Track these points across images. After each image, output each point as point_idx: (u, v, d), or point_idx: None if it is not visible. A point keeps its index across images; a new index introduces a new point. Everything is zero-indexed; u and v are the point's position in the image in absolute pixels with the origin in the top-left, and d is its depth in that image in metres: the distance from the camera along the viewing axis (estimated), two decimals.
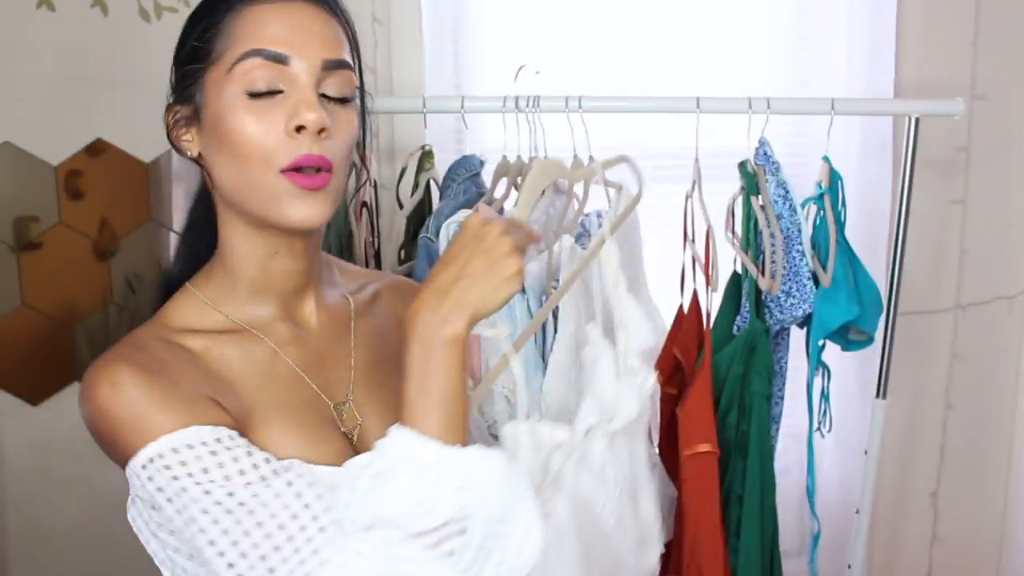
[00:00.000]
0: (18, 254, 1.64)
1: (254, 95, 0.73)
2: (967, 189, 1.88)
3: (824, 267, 1.42)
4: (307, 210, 0.73)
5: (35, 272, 1.65)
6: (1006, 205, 1.91)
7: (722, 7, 1.76)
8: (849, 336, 1.49)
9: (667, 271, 1.60)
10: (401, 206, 1.42)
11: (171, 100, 0.81)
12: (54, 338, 1.67)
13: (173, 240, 1.68)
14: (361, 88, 0.82)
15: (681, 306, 1.52)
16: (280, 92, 0.73)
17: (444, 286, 0.70)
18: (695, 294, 1.55)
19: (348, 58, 0.77)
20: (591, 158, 1.23)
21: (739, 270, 1.47)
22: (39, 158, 1.62)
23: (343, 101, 0.76)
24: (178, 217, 1.68)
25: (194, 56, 0.77)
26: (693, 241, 1.55)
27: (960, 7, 1.80)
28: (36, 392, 1.69)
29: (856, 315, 1.41)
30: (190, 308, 0.80)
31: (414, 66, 1.65)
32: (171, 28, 1.59)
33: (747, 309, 1.46)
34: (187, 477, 0.67)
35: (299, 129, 0.72)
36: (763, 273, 1.38)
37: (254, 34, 0.73)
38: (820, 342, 1.53)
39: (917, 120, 1.40)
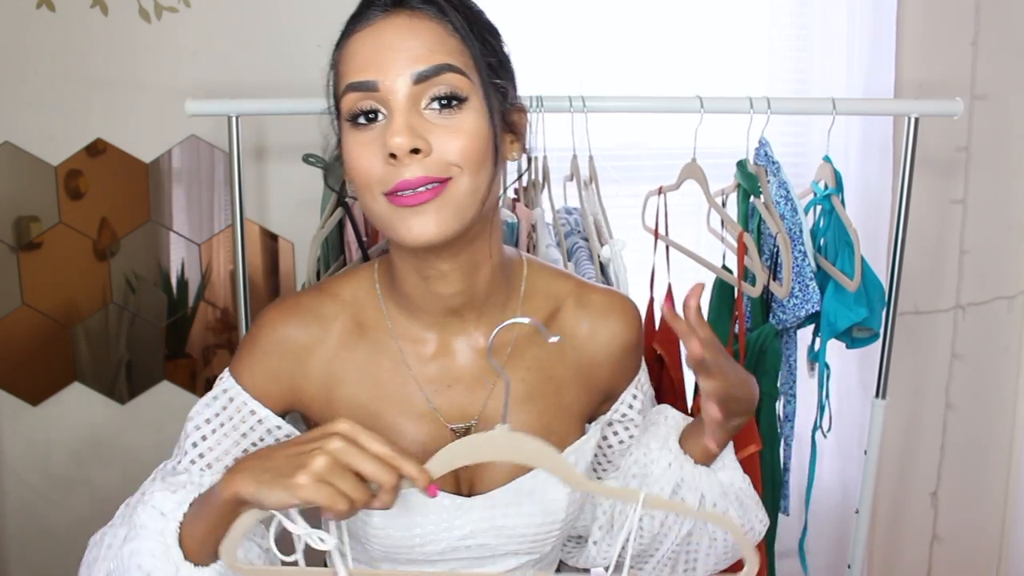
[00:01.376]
0: (18, 254, 1.64)
1: (356, 124, 0.75)
2: (967, 189, 1.88)
3: (835, 266, 1.43)
4: (417, 227, 0.72)
5: (35, 272, 1.65)
6: (1006, 205, 1.91)
7: (722, 7, 1.77)
8: (853, 334, 1.49)
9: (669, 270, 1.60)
10: None
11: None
12: (54, 338, 1.68)
13: (173, 240, 1.68)
14: (489, 75, 0.77)
15: (652, 300, 1.51)
16: (382, 115, 0.74)
17: (261, 452, 0.70)
18: (669, 288, 1.56)
19: (451, 59, 0.73)
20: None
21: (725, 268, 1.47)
22: (39, 158, 1.62)
23: (454, 106, 0.73)
24: (178, 217, 1.68)
25: (333, 95, 0.80)
26: (667, 234, 1.55)
27: (960, 7, 1.80)
28: (36, 392, 1.69)
29: (864, 316, 1.42)
30: (363, 290, 0.87)
31: None
32: (171, 28, 1.61)
33: (748, 309, 1.46)
34: (203, 399, 0.85)
35: (393, 155, 0.71)
36: (773, 277, 1.39)
37: (348, 68, 0.75)
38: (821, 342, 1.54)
39: (917, 120, 1.40)
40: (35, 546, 1.74)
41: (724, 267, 1.48)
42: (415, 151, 0.71)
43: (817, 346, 1.55)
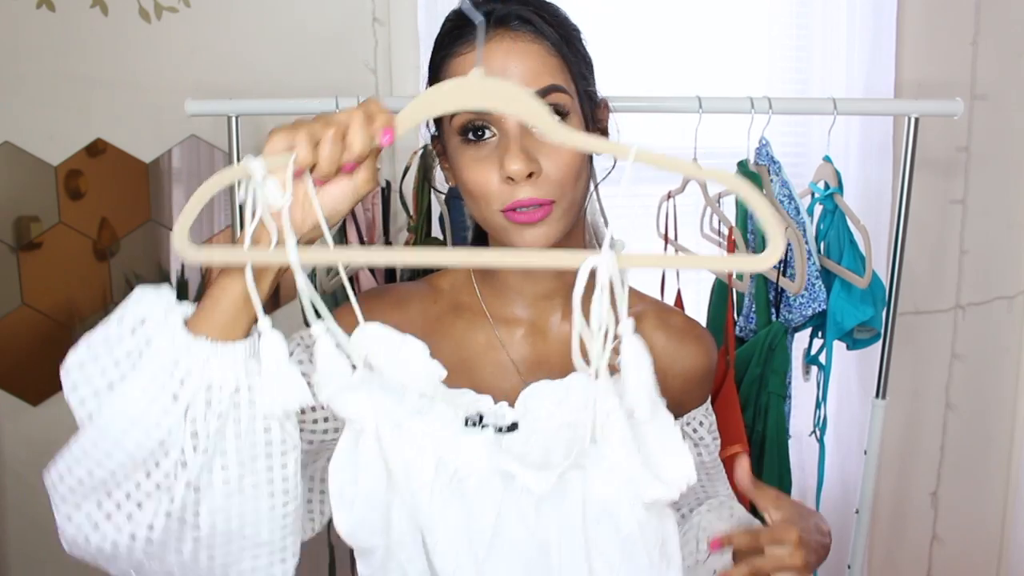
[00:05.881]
0: (18, 254, 1.64)
1: (467, 139, 0.79)
2: (967, 189, 1.88)
3: (840, 265, 1.43)
4: (530, 239, 0.79)
5: (35, 272, 1.65)
6: (1006, 205, 1.91)
7: (722, 7, 1.76)
8: (854, 335, 1.49)
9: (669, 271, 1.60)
10: (404, 204, 1.42)
11: (434, 134, 0.89)
12: (54, 338, 1.68)
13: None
14: (582, 84, 0.84)
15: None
16: (491, 133, 0.79)
17: None
18: (679, 294, 1.56)
19: (555, 78, 0.79)
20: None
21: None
22: (39, 158, 1.62)
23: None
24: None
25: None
26: (676, 239, 1.56)
27: (960, 7, 1.80)
28: (36, 392, 1.69)
29: (871, 315, 1.42)
30: (459, 280, 0.93)
31: (413, 66, 1.65)
32: (171, 28, 1.61)
33: (752, 310, 1.46)
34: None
35: (509, 178, 0.77)
36: (783, 274, 1.39)
37: None
38: (820, 342, 1.54)
39: (917, 120, 1.40)
40: (35, 546, 1.74)
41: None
42: (531, 174, 0.77)
43: (815, 349, 1.55)
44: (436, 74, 0.83)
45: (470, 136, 0.79)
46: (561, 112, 0.79)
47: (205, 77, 1.62)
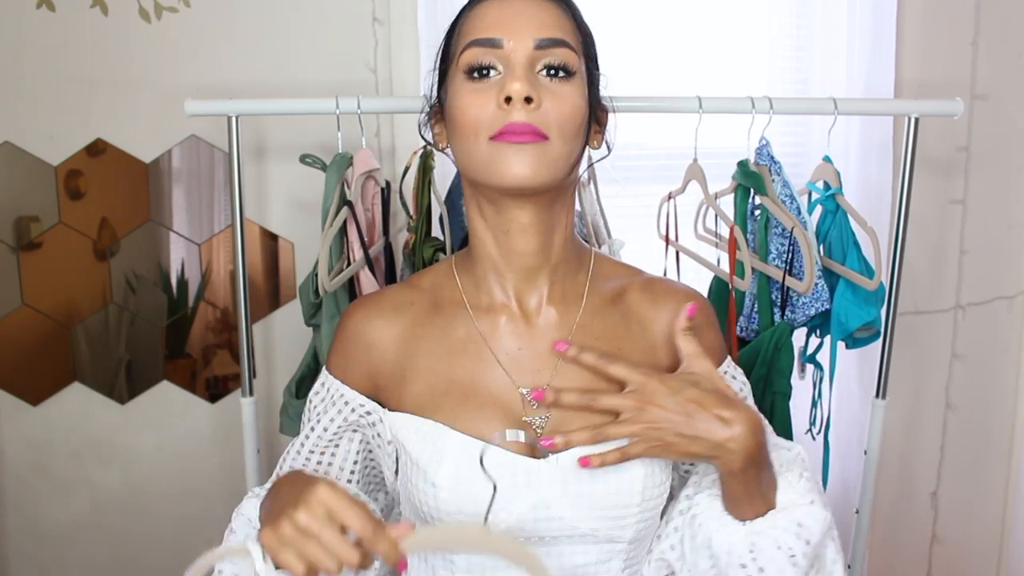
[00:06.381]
0: (18, 254, 1.64)
1: (472, 77, 0.81)
2: (967, 189, 1.88)
3: (843, 265, 1.43)
4: (515, 166, 0.79)
5: (35, 272, 1.65)
6: (1006, 205, 1.91)
7: (722, 7, 1.76)
8: (855, 334, 1.49)
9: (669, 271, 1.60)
10: (404, 204, 1.42)
11: (431, 101, 0.92)
12: (54, 338, 1.68)
13: (173, 240, 1.68)
14: (592, 67, 0.86)
15: None
16: (496, 72, 0.81)
17: (280, 483, 0.82)
18: None
19: (567, 37, 0.82)
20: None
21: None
22: (39, 158, 1.62)
23: (562, 76, 0.81)
24: (178, 217, 1.68)
25: (443, 59, 0.88)
26: (677, 239, 1.56)
27: (960, 7, 1.80)
28: (36, 392, 1.69)
29: (875, 316, 1.41)
30: (441, 275, 0.95)
31: (413, 66, 1.65)
32: (171, 28, 1.61)
33: (755, 310, 1.46)
34: (314, 386, 0.97)
35: (508, 100, 0.78)
36: (790, 273, 1.38)
37: (473, 28, 0.83)
38: (819, 341, 1.54)
39: (917, 120, 1.40)
40: (35, 546, 1.74)
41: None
42: (528, 100, 0.78)
43: (811, 348, 1.55)
44: (457, 22, 0.86)
45: (475, 75, 0.81)
46: (568, 70, 0.81)
47: (205, 77, 1.63)
